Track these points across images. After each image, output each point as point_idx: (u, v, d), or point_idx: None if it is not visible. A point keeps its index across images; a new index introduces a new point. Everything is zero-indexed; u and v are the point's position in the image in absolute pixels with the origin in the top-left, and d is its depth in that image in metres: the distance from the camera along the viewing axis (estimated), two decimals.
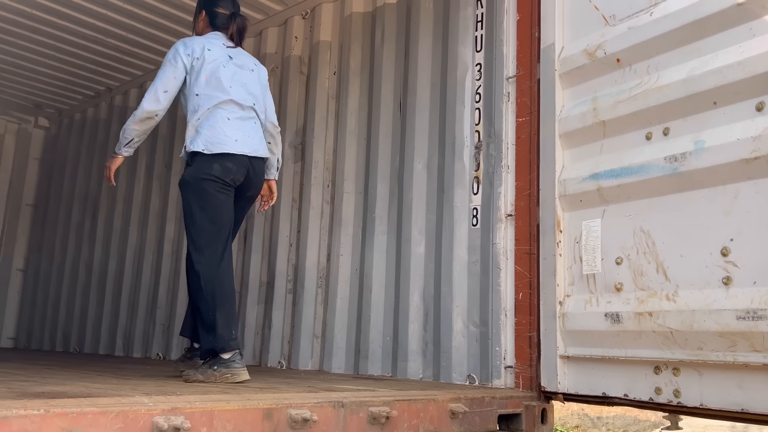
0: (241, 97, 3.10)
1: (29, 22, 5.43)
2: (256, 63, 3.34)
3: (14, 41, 5.83)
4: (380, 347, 3.87)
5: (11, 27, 5.53)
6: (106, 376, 2.86)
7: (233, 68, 3.13)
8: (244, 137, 3.05)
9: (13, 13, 5.30)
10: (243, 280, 4.83)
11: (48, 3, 5.12)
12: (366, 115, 4.26)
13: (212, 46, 3.13)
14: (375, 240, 4.00)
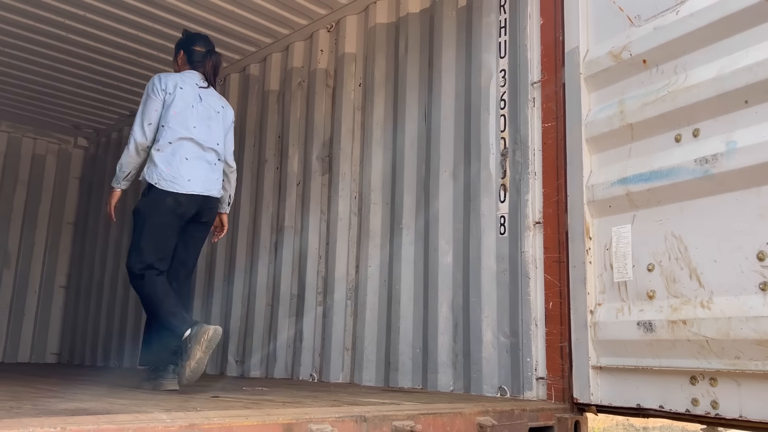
0: (203, 138, 3.33)
1: (66, 45, 5.59)
2: (224, 105, 3.56)
3: (52, 65, 6.01)
4: (410, 359, 3.83)
5: (49, 51, 5.70)
6: (137, 391, 2.89)
7: (201, 108, 3.37)
8: (198, 177, 3.29)
9: (50, 38, 5.46)
10: (274, 293, 4.85)
11: (82, 26, 5.26)
12: (391, 125, 4.25)
13: (185, 84, 3.36)
14: (403, 250, 3.97)
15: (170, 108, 3.26)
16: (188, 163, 3.26)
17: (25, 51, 5.73)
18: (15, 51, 5.74)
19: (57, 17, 5.13)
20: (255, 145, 5.37)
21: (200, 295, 5.60)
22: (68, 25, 5.26)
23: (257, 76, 5.53)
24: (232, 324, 5.16)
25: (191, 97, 3.34)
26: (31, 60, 5.90)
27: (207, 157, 3.35)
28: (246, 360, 4.95)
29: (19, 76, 6.30)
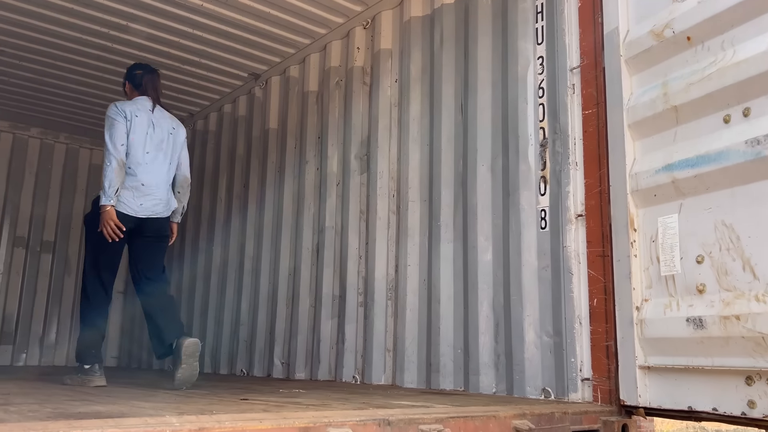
0: (156, 162, 3.67)
1: (113, 56, 5.72)
2: (174, 126, 3.86)
3: (102, 75, 6.17)
4: (451, 360, 3.71)
5: (98, 62, 5.85)
6: (169, 394, 2.88)
7: (155, 134, 3.69)
8: (153, 202, 3.66)
9: (98, 50, 5.60)
10: (316, 294, 4.81)
11: (126, 36, 5.37)
12: (428, 120, 4.14)
13: (139, 112, 3.68)
14: (441, 248, 3.86)
15: (129, 134, 3.60)
16: (141, 189, 3.61)
17: (78, 64, 5.90)
18: (68, 65, 5.92)
19: (101, 28, 5.25)
20: (296, 147, 5.36)
21: (247, 296, 5.62)
22: (113, 36, 5.37)
23: (297, 78, 5.52)
24: (277, 325, 5.15)
25: (145, 124, 3.67)
26: (83, 72, 6.07)
27: (158, 179, 3.67)
28: (291, 362, 4.93)
29: (73, 89, 6.50)
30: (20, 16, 5.08)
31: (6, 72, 6.13)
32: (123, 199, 3.53)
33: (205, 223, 6.49)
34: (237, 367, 5.57)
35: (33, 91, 6.57)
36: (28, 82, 6.36)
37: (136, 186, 3.57)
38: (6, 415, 1.75)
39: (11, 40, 5.46)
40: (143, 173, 3.60)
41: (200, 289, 6.36)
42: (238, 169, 6.11)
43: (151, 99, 3.79)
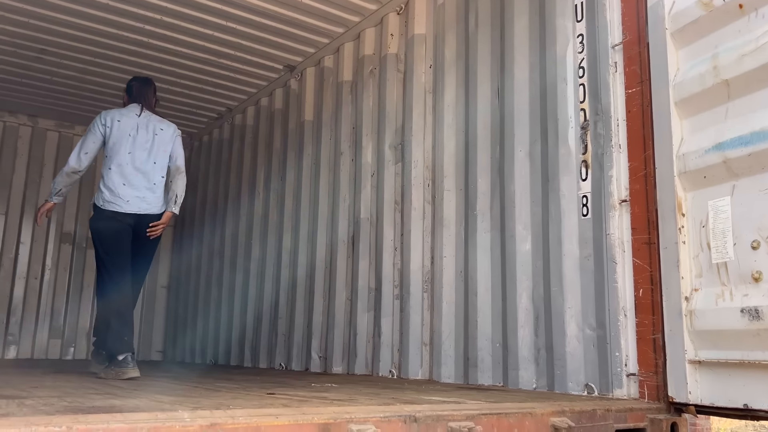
0: (140, 161, 3.90)
1: (149, 51, 5.75)
2: (162, 127, 4.07)
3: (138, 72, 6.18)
4: (490, 355, 3.57)
5: (134, 58, 5.88)
6: (198, 388, 2.83)
7: (139, 135, 3.93)
8: (138, 199, 3.87)
9: (133, 44, 5.63)
10: (352, 287, 4.72)
11: (162, 31, 5.38)
12: (463, 106, 3.99)
13: (123, 117, 3.96)
14: (478, 239, 3.71)
15: (110, 139, 3.89)
16: (126, 187, 3.84)
17: (116, 60, 5.96)
18: (111, 62, 5.98)
19: (136, 23, 5.27)
20: (331, 138, 5.28)
21: (285, 289, 5.58)
22: (148, 31, 5.39)
23: (331, 68, 5.44)
24: (314, 319, 5.09)
25: (129, 127, 3.93)
26: (120, 68, 6.11)
27: (144, 178, 3.90)
28: (328, 356, 4.86)
29: (113, 85, 6.56)
30: (60, 14, 5.14)
31: (49, 71, 6.24)
32: (108, 198, 3.81)
33: (243, 217, 6.48)
34: (276, 361, 5.54)
35: (75, 89, 6.68)
36: (71, 80, 6.46)
37: (118, 184, 3.83)
38: (17, 409, 1.70)
39: (53, 38, 5.54)
40: (127, 172, 3.85)
41: (239, 282, 6.36)
42: (275, 163, 6.07)
43: (140, 105, 4.05)
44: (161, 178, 3.99)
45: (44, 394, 2.23)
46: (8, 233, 7.29)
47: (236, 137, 6.93)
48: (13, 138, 7.44)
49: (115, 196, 3.80)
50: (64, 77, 6.36)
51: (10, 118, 7.42)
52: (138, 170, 3.88)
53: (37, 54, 5.84)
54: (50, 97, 6.93)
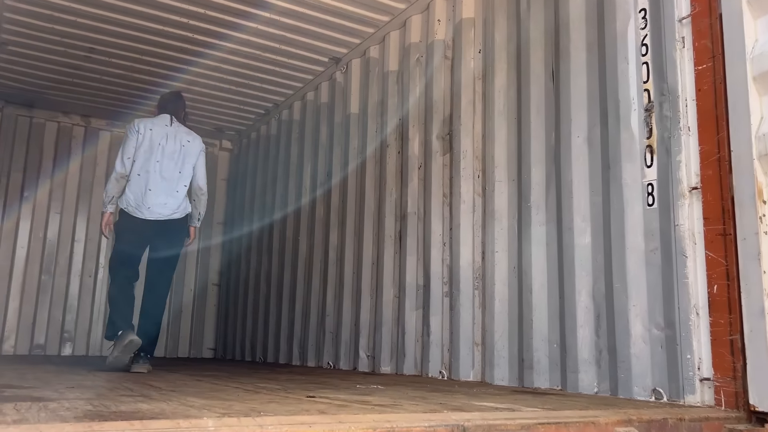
0: (167, 170, 4.14)
1: (194, 47, 5.71)
2: (189, 140, 4.31)
3: (194, 70, 6.20)
4: (546, 356, 3.34)
5: (180, 54, 5.86)
6: (237, 390, 2.71)
7: (168, 145, 4.16)
8: (160, 205, 4.11)
9: (178, 40, 5.60)
10: (400, 284, 4.55)
11: (206, 25, 5.32)
12: (515, 91, 3.77)
13: (155, 126, 4.21)
14: (532, 232, 3.48)
15: (141, 147, 4.12)
16: (150, 193, 4.09)
17: (168, 59, 5.96)
18: (159, 59, 5.98)
19: (181, 18, 5.23)
20: (377, 131, 5.12)
21: (332, 286, 5.46)
22: (193, 26, 5.34)
23: (377, 59, 5.27)
24: (362, 316, 4.95)
25: (159, 136, 4.16)
26: (171, 67, 6.13)
27: (169, 186, 4.13)
28: (376, 355, 4.70)
29: (163, 84, 6.58)
30: (106, 11, 5.14)
31: (99, 70, 6.29)
32: (132, 204, 4.09)
33: (291, 213, 6.40)
34: (324, 359, 5.42)
35: (125, 87, 6.72)
36: (119, 79, 6.50)
37: (144, 190, 4.08)
38: (35, 414, 1.60)
39: (100, 37, 5.56)
40: (152, 180, 4.09)
41: (287, 279, 6.28)
42: (321, 158, 5.95)
43: (170, 116, 4.30)
44: (184, 187, 4.23)
45: (75, 395, 2.14)
46: (63, 232, 7.41)
47: (283, 133, 6.85)
48: (67, 138, 7.56)
49: (138, 202, 4.08)
50: (113, 76, 6.40)
51: (63, 119, 7.54)
52: (164, 179, 4.12)
53: (86, 53, 5.88)
54: (101, 96, 7.00)
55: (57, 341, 7.26)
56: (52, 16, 5.23)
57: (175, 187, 4.17)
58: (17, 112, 7.31)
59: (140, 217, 4.09)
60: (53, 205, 7.41)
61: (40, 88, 6.80)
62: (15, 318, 7.08)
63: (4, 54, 5.97)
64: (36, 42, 5.68)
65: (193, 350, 8.02)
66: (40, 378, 3.01)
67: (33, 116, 7.39)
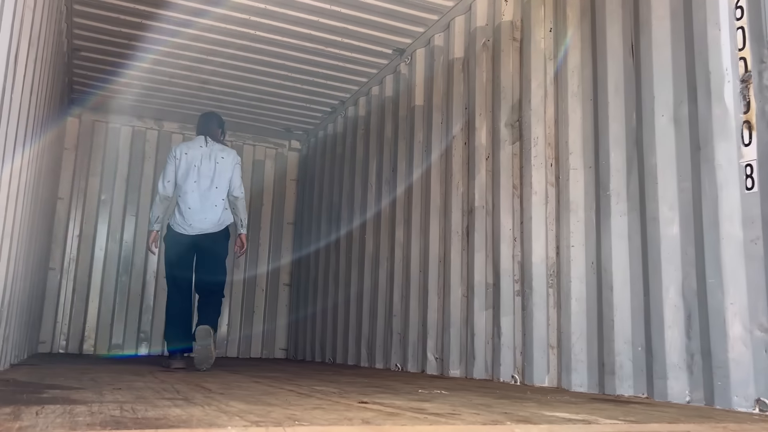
0: (204, 188, 4.48)
1: (261, 45, 5.65)
2: (224, 155, 4.59)
3: (266, 70, 6.16)
4: (630, 360, 3.01)
5: (241, 52, 5.82)
6: (289, 394, 2.54)
7: (203, 165, 4.49)
8: (199, 221, 4.46)
9: (246, 40, 5.56)
10: (468, 282, 4.29)
11: (269, 21, 5.25)
12: (590, 70, 3.45)
13: (190, 149, 4.55)
14: (612, 223, 3.16)
15: (179, 169, 4.50)
16: (190, 211, 4.44)
17: (231, 57, 5.93)
18: (223, 59, 5.97)
19: (242, 15, 5.17)
20: (442, 122, 4.88)
21: (399, 285, 5.26)
22: (254, 22, 5.28)
23: (441, 47, 5.04)
24: (429, 317, 4.71)
25: (195, 158, 4.50)
26: (243, 68, 6.12)
27: (207, 201, 4.46)
28: (445, 357, 4.46)
29: (236, 85, 6.60)
30: (169, 11, 5.14)
31: (166, 72, 6.34)
32: (178, 221, 4.48)
33: (357, 211, 6.25)
34: (392, 361, 5.23)
35: (192, 89, 6.77)
36: (186, 81, 6.54)
37: (185, 209, 4.44)
38: (49, 420, 1.47)
39: (165, 38, 5.59)
40: (191, 199, 4.43)
41: (354, 278, 6.13)
42: (386, 153, 5.77)
43: (204, 137, 4.61)
44: (222, 200, 4.52)
45: (114, 398, 2.02)
46: (139, 233, 7.56)
47: (349, 130, 6.72)
48: (141, 142, 7.71)
49: (182, 219, 4.46)
50: (180, 78, 6.45)
51: (137, 123, 7.70)
52: (202, 196, 4.45)
53: (154, 55, 5.93)
54: (171, 99, 7.08)
55: (134, 341, 7.40)
56: (119, 19, 5.28)
57: (213, 202, 4.48)
58: (94, 118, 7.51)
59: (183, 233, 4.47)
60: (129, 208, 7.57)
61: (113, 93, 6.94)
62: (94, 319, 7.26)
63: (78, 60, 6.11)
64: (105, 47, 5.78)
65: (265, 351, 8.01)
66: (97, 378, 2.95)
67: (108, 121, 7.58)
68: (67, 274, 7.24)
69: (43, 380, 2.68)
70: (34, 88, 3.76)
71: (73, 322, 7.19)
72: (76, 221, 7.36)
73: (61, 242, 7.24)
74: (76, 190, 7.39)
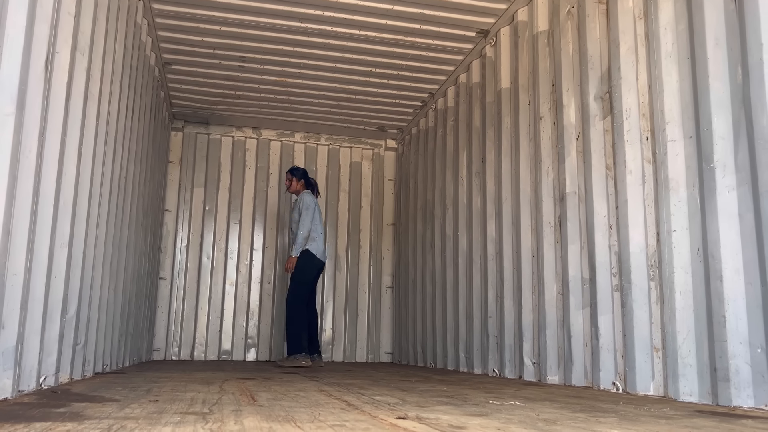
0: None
1: (341, 42, 5.51)
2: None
3: (350, 68, 6.05)
4: (747, 364, 2.49)
5: (334, 53, 5.71)
6: (338, 404, 2.31)
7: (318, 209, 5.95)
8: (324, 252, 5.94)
9: (325, 37, 5.44)
10: (563, 278, 3.86)
11: (347, 16, 5.09)
12: (685, 25, 2.94)
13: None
14: (719, 201, 2.65)
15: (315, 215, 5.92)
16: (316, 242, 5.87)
17: (314, 58, 5.85)
18: (306, 60, 5.90)
19: (315, 11, 5.04)
20: (529, 103, 4.46)
21: (492, 284, 4.89)
22: (329, 18, 5.13)
23: (526, 22, 4.63)
24: (524, 317, 4.31)
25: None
26: (321, 67, 6.02)
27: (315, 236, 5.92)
28: (542, 362, 4.05)
29: (324, 86, 6.52)
30: (245, 15, 5.12)
31: (254, 79, 6.37)
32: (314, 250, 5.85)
33: (450, 207, 5.93)
34: (489, 366, 4.86)
35: (282, 95, 6.76)
36: (274, 86, 6.54)
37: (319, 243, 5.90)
38: None
39: (248, 44, 5.59)
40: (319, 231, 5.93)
41: (450, 278, 5.82)
42: (475, 144, 5.42)
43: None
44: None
45: (124, 415, 1.88)
46: (242, 241, 7.70)
47: (440, 123, 6.42)
48: (241, 151, 7.86)
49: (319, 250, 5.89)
50: (268, 83, 6.46)
51: (237, 133, 7.85)
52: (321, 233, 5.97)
53: (238, 63, 5.97)
54: (265, 107, 7.14)
55: (242, 347, 7.52)
56: (199, 29, 5.34)
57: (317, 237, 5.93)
58: (196, 131, 7.75)
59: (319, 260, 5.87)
60: (232, 216, 7.73)
61: (210, 104, 7.11)
62: (204, 326, 7.46)
63: (171, 74, 6.29)
64: (193, 58, 5.88)
65: (371, 354, 7.87)
66: (157, 389, 2.88)
67: (210, 133, 7.79)
68: (177, 283, 7.49)
69: (93, 391, 2.63)
70: (113, 101, 3.82)
71: (184, 330, 7.43)
72: (184, 232, 7.61)
73: (170, 252, 7.51)
74: (182, 201, 7.65)
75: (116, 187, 4.11)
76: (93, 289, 3.59)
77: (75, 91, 2.93)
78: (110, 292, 4.14)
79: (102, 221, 3.70)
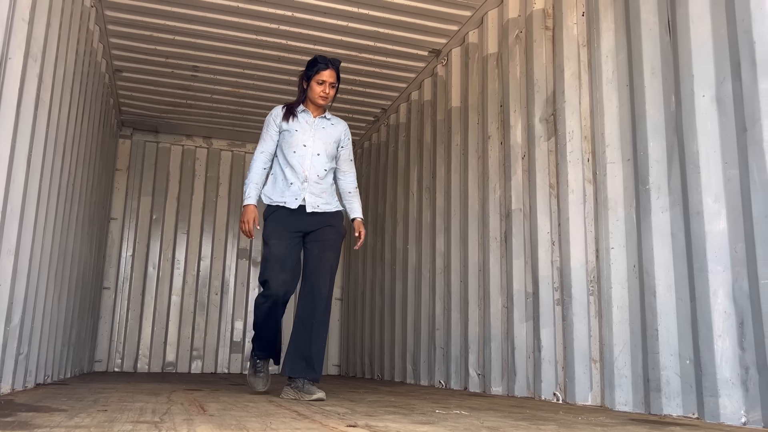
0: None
1: (295, 56, 5.56)
2: None
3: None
4: (677, 375, 2.65)
5: (289, 66, 5.74)
6: (289, 414, 2.34)
7: None
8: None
9: (284, 51, 5.48)
10: (508, 292, 4.00)
11: (304, 30, 5.15)
12: (625, 54, 3.13)
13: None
14: (653, 221, 2.82)
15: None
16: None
17: (267, 70, 5.89)
18: (259, 72, 5.92)
19: (272, 24, 5.08)
20: (478, 122, 4.62)
21: (440, 297, 5.00)
22: (284, 32, 5.19)
23: (476, 44, 4.79)
24: (470, 330, 4.43)
25: None
26: (274, 79, 6.04)
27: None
28: (486, 374, 4.17)
29: (283, 100, 6.44)
30: (198, 25, 5.13)
31: (206, 89, 6.35)
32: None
33: (400, 221, 6.04)
34: (435, 378, 4.95)
35: (234, 105, 6.75)
36: (226, 96, 6.53)
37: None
38: None
39: (201, 53, 5.58)
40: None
41: (399, 291, 5.90)
42: (426, 159, 5.54)
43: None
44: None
45: (74, 424, 1.88)
46: (190, 251, 7.61)
47: (391, 138, 6.54)
48: (191, 160, 7.79)
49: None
50: (221, 93, 6.45)
51: (187, 142, 7.79)
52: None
53: (191, 72, 5.95)
54: (216, 116, 7.12)
55: (187, 359, 7.42)
56: (152, 37, 5.31)
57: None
58: (145, 138, 7.65)
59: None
60: (180, 226, 7.64)
61: (160, 112, 7.04)
62: (148, 337, 7.33)
63: (122, 81, 6.21)
64: (145, 66, 5.83)
65: None
66: (104, 399, 2.85)
67: (159, 141, 7.70)
68: (122, 293, 7.35)
69: (38, 401, 2.59)
70: (63, 107, 3.77)
71: (127, 341, 7.28)
72: (129, 241, 7.48)
73: (115, 262, 7.37)
74: (129, 210, 7.52)
75: (63, 195, 4.04)
76: (38, 297, 3.52)
77: (26, 97, 2.90)
78: (54, 301, 4.06)
79: (49, 229, 3.65)
